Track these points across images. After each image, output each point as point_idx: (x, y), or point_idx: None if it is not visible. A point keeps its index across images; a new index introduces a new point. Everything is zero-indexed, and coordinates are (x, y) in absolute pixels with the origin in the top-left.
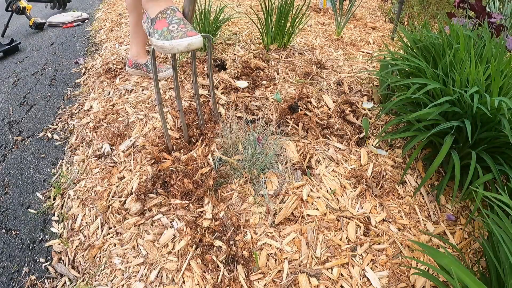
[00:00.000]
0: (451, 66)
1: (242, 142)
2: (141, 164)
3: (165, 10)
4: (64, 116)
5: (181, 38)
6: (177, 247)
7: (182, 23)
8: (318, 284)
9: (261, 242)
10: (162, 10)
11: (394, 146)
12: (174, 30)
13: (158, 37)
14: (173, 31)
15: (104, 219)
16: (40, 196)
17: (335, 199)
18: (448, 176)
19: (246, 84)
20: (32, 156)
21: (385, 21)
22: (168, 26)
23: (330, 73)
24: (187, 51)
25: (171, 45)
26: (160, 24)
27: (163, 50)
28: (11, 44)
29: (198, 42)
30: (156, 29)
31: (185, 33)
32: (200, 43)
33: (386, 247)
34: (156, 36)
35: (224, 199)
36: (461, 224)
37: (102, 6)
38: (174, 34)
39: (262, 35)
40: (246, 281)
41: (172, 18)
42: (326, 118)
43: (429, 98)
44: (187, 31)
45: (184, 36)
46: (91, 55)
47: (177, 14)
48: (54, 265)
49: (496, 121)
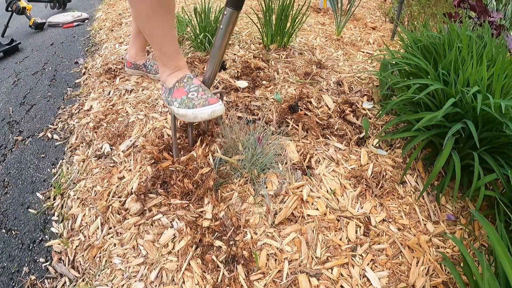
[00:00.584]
0: (454, 66)
1: (243, 142)
2: (141, 164)
3: (182, 78)
4: (64, 116)
5: (203, 106)
6: (177, 247)
7: (201, 89)
8: (318, 284)
9: (261, 242)
10: (179, 79)
11: (394, 146)
12: (195, 98)
13: (178, 105)
14: (193, 99)
15: (104, 219)
16: (40, 196)
17: (335, 199)
18: (449, 176)
19: (246, 84)
20: (32, 156)
21: (385, 21)
22: (187, 94)
23: (330, 73)
24: (210, 118)
25: (194, 114)
26: (179, 93)
27: (186, 118)
28: (11, 44)
29: (220, 110)
30: (175, 97)
31: (206, 100)
32: (223, 110)
33: (386, 247)
34: (176, 105)
35: (224, 199)
36: (461, 224)
37: (102, 6)
38: (196, 102)
39: (262, 35)
40: (246, 281)
41: (190, 86)
42: (326, 118)
43: (430, 98)
44: (208, 98)
45: (206, 104)
46: (91, 55)
47: (194, 81)
48: (54, 265)
49: (497, 122)
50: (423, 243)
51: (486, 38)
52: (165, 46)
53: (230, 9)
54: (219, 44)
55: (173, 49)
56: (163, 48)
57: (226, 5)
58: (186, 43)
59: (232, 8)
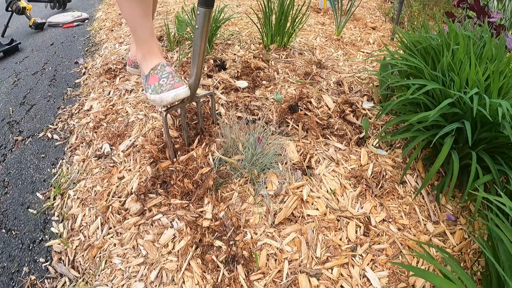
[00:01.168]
0: (449, 67)
1: (243, 142)
2: (140, 164)
3: (156, 66)
4: (64, 116)
5: (169, 90)
6: (177, 247)
7: (171, 76)
8: (318, 284)
9: (261, 242)
10: (154, 66)
11: (394, 146)
12: (164, 84)
13: (151, 92)
14: (162, 85)
15: (104, 219)
16: (40, 196)
17: (335, 199)
18: (448, 176)
19: (246, 84)
20: (32, 156)
21: (385, 21)
22: (159, 80)
23: (330, 73)
24: (174, 101)
25: (161, 98)
26: (153, 79)
27: (155, 103)
28: (11, 44)
29: (183, 93)
30: (150, 84)
31: (172, 85)
32: (185, 93)
33: (386, 247)
34: (149, 91)
35: (224, 199)
36: (461, 224)
37: (102, 6)
38: (164, 87)
39: (262, 35)
40: (246, 281)
41: (162, 72)
42: (326, 118)
43: (429, 99)
44: (174, 83)
45: (171, 88)
46: (91, 55)
47: (167, 69)
48: (54, 265)
49: (495, 122)
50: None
51: (485, 38)
52: (139, 30)
53: (202, 8)
54: (198, 45)
55: (146, 34)
56: (137, 31)
57: (198, 5)
58: (186, 43)
59: (204, 7)
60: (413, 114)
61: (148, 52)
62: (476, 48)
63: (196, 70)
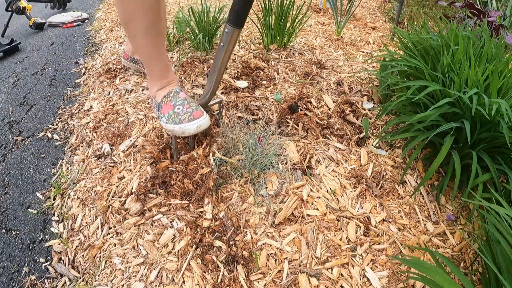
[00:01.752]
0: (449, 68)
1: (243, 142)
2: (140, 164)
3: (169, 93)
4: (64, 116)
5: (189, 121)
6: (177, 247)
7: (186, 102)
8: (318, 284)
9: (261, 242)
10: (166, 94)
11: (394, 146)
12: (180, 113)
13: (166, 120)
14: (179, 114)
15: (104, 219)
16: (40, 196)
17: (335, 199)
18: (448, 176)
19: (246, 84)
20: (32, 156)
21: (385, 21)
22: (173, 108)
23: (330, 73)
24: (197, 132)
25: (181, 129)
26: (166, 107)
27: (175, 133)
28: (11, 44)
29: (206, 123)
30: (163, 113)
31: (191, 114)
32: (208, 123)
33: (386, 247)
34: (164, 120)
35: (224, 199)
36: (461, 224)
37: (102, 6)
38: (181, 116)
39: (262, 35)
40: (246, 281)
41: (177, 100)
42: (326, 118)
43: (429, 99)
44: (193, 112)
45: (191, 119)
46: (91, 55)
47: (181, 95)
48: (54, 265)
49: (495, 122)
50: (423, 243)
51: (485, 37)
52: (154, 64)
53: (231, 27)
54: (220, 63)
55: (160, 68)
56: (152, 65)
57: (226, 22)
58: (186, 43)
59: (232, 26)
60: (413, 114)
61: (162, 83)
62: (475, 47)
63: (214, 86)
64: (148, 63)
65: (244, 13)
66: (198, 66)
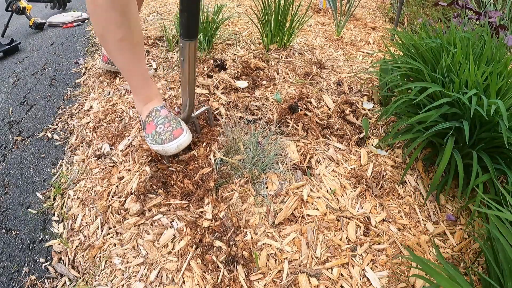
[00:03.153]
0: (448, 70)
1: (244, 142)
2: (139, 163)
3: (150, 112)
4: (64, 116)
5: (170, 141)
6: (177, 247)
7: (167, 120)
8: (318, 284)
9: (261, 242)
10: (148, 113)
11: (394, 146)
12: (162, 132)
13: (150, 141)
14: (161, 134)
15: (104, 219)
16: (40, 196)
17: (335, 199)
18: (449, 176)
19: (246, 84)
20: (32, 156)
21: (385, 21)
22: (155, 128)
23: (330, 73)
24: (179, 151)
25: (164, 150)
26: (149, 127)
27: (160, 153)
28: (11, 44)
29: (185, 142)
30: (147, 133)
31: (171, 134)
32: (188, 140)
33: (386, 247)
34: (149, 141)
35: (224, 199)
36: (461, 224)
37: None
38: (163, 136)
39: (262, 35)
40: (246, 281)
41: (158, 119)
42: (326, 118)
43: (430, 100)
44: (173, 130)
45: (172, 139)
46: (91, 55)
47: (162, 112)
48: (54, 265)
49: (494, 122)
50: (423, 243)
51: (485, 38)
52: (133, 80)
53: (184, 40)
54: (186, 76)
55: (140, 82)
56: (131, 81)
57: (180, 37)
58: None
59: (184, 40)
60: (413, 116)
61: (145, 98)
62: (475, 48)
63: (189, 99)
64: (127, 78)
65: (192, 27)
66: (198, 66)
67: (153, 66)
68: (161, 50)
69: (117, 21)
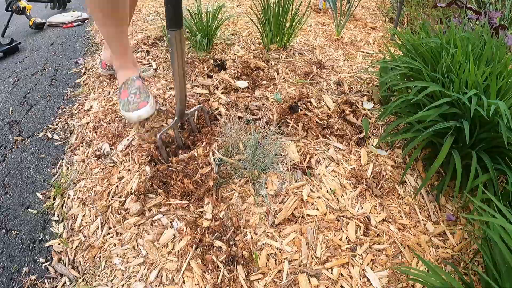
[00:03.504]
0: (448, 70)
1: (243, 142)
2: (139, 163)
3: (127, 80)
4: (64, 116)
5: (134, 110)
6: (177, 247)
7: (138, 92)
8: (318, 284)
9: (261, 242)
10: (125, 80)
11: (394, 146)
12: (131, 101)
13: (121, 106)
14: (130, 103)
15: (104, 219)
16: (40, 196)
17: (335, 199)
18: (448, 176)
19: (246, 84)
20: (32, 156)
21: (385, 21)
22: (127, 96)
23: (330, 73)
24: (139, 121)
25: (129, 117)
26: (123, 94)
27: (126, 119)
28: (11, 44)
29: (145, 113)
30: (121, 98)
31: (137, 105)
32: (148, 113)
33: (386, 247)
34: (121, 106)
35: (224, 199)
36: (461, 224)
37: None
38: (131, 106)
39: (262, 35)
40: (246, 281)
41: (132, 88)
42: (326, 118)
43: (430, 100)
44: (140, 102)
45: (136, 108)
46: (91, 55)
47: (136, 83)
48: (54, 265)
49: (494, 123)
50: (423, 243)
51: (485, 38)
52: (114, 44)
53: (171, 31)
54: (176, 68)
55: (120, 48)
56: (112, 45)
57: (167, 28)
58: (186, 43)
59: (172, 30)
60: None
61: (122, 65)
62: (475, 48)
63: (180, 94)
64: (110, 43)
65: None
66: (198, 66)
67: (153, 66)
68: (161, 50)
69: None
